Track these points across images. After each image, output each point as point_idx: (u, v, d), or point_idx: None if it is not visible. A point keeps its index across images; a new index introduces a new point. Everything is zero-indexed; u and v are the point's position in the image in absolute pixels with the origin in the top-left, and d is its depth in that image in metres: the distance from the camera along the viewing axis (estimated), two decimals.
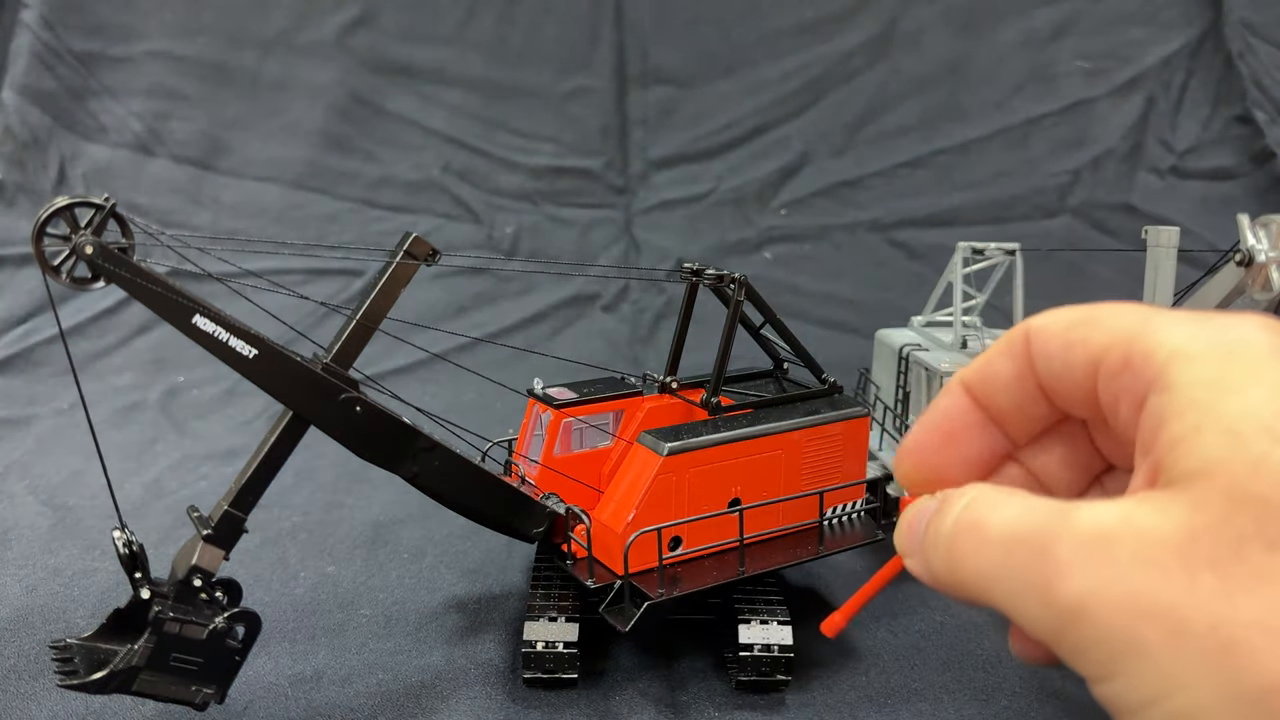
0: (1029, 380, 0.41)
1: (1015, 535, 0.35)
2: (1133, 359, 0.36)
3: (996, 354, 0.42)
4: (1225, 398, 0.33)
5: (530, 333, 2.71)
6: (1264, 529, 0.30)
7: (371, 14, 3.20)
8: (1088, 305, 0.39)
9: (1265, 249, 1.12)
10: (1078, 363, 0.38)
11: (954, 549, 0.37)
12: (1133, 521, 0.33)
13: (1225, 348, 0.34)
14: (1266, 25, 3.39)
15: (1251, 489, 0.31)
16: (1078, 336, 0.38)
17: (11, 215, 2.80)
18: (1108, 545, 0.32)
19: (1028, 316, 1.48)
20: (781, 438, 1.32)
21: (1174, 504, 0.32)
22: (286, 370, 1.08)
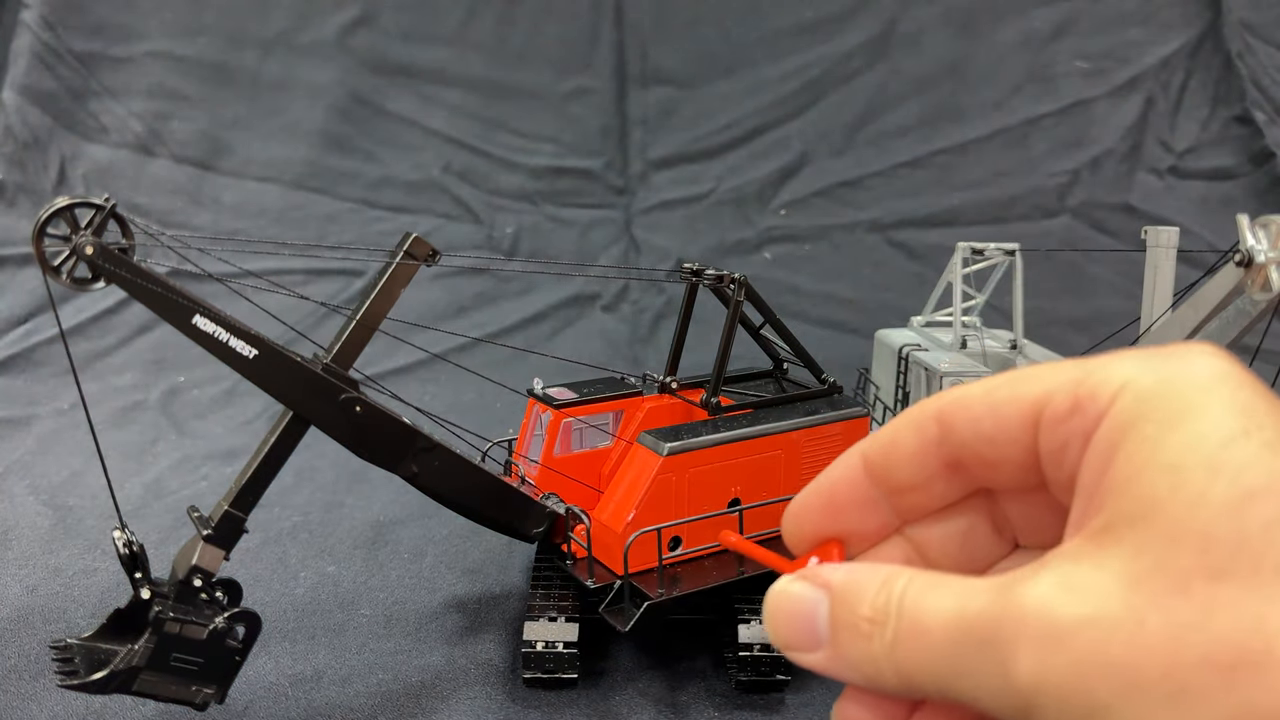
0: (933, 457, 0.40)
1: (961, 629, 0.34)
2: (1080, 400, 0.35)
3: (902, 429, 0.40)
4: (1169, 432, 0.32)
5: (530, 333, 2.72)
6: (1206, 561, 0.30)
7: (371, 14, 3.20)
8: (1005, 373, 0.39)
9: (1265, 249, 1.12)
10: (1011, 418, 0.37)
11: (900, 657, 0.36)
12: (1074, 585, 0.32)
13: (1173, 380, 0.33)
14: (1266, 25, 3.39)
15: (1191, 524, 0.30)
16: (1004, 395, 0.37)
17: (11, 215, 2.80)
18: (1052, 616, 0.32)
19: (1027, 317, 1.47)
20: (781, 438, 1.32)
21: (1116, 553, 0.32)
22: (286, 370, 1.08)
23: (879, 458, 0.41)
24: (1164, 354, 0.35)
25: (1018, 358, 1.71)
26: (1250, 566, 0.29)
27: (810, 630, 0.39)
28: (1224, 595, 0.29)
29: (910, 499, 0.41)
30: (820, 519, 0.43)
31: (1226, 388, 0.33)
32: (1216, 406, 0.32)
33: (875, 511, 0.42)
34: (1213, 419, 0.32)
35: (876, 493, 0.41)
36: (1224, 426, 0.32)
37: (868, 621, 0.37)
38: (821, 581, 0.39)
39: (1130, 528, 0.32)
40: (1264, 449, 0.31)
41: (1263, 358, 1.28)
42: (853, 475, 0.42)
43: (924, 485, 0.40)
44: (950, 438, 0.39)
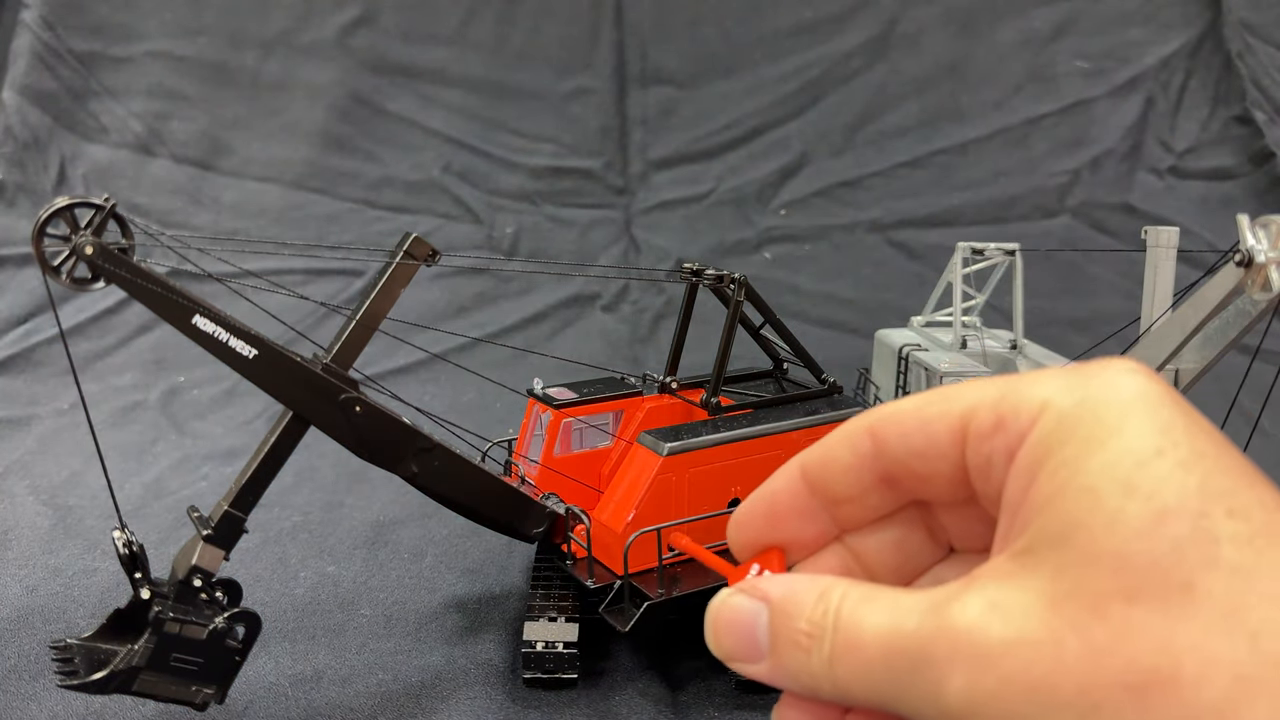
0: (866, 470, 0.40)
1: (895, 647, 0.35)
2: (1003, 416, 0.35)
3: (837, 443, 0.41)
4: (1088, 453, 0.33)
5: (530, 333, 2.71)
6: (1120, 582, 0.31)
7: (371, 14, 3.20)
8: (935, 389, 0.39)
9: (1265, 249, 1.12)
10: (940, 434, 0.38)
11: (837, 671, 0.36)
12: (1000, 606, 0.33)
13: (1092, 401, 0.34)
14: (1266, 25, 3.39)
15: (1107, 545, 0.31)
16: (935, 411, 0.38)
17: (11, 215, 2.80)
18: (979, 637, 0.32)
19: (1027, 317, 1.47)
20: (781, 438, 1.32)
21: (1037, 574, 0.33)
22: (286, 370, 1.08)
23: (816, 471, 0.42)
24: (1085, 373, 0.35)
25: (1018, 358, 1.71)
26: (1160, 587, 0.30)
27: (751, 642, 0.39)
28: (1136, 617, 0.30)
29: (847, 510, 0.42)
30: (762, 527, 0.44)
31: (1144, 406, 0.33)
32: (1133, 426, 0.33)
33: (814, 521, 0.43)
34: (1129, 439, 0.32)
35: (815, 503, 0.42)
36: (1139, 446, 0.32)
37: (805, 635, 0.37)
38: (760, 594, 0.40)
39: (1051, 549, 0.32)
40: (1177, 467, 0.32)
41: (1263, 357, 1.28)
42: (792, 486, 0.43)
43: (859, 498, 0.41)
44: (883, 452, 0.40)
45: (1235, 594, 0.29)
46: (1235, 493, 0.31)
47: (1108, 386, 0.34)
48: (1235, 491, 0.32)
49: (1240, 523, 0.31)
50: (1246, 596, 0.29)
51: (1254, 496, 0.32)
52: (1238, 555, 0.30)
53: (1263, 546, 0.30)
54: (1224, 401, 1.32)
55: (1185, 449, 0.32)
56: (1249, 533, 0.30)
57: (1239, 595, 0.29)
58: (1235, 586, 0.30)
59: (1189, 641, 0.29)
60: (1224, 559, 0.30)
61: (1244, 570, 0.30)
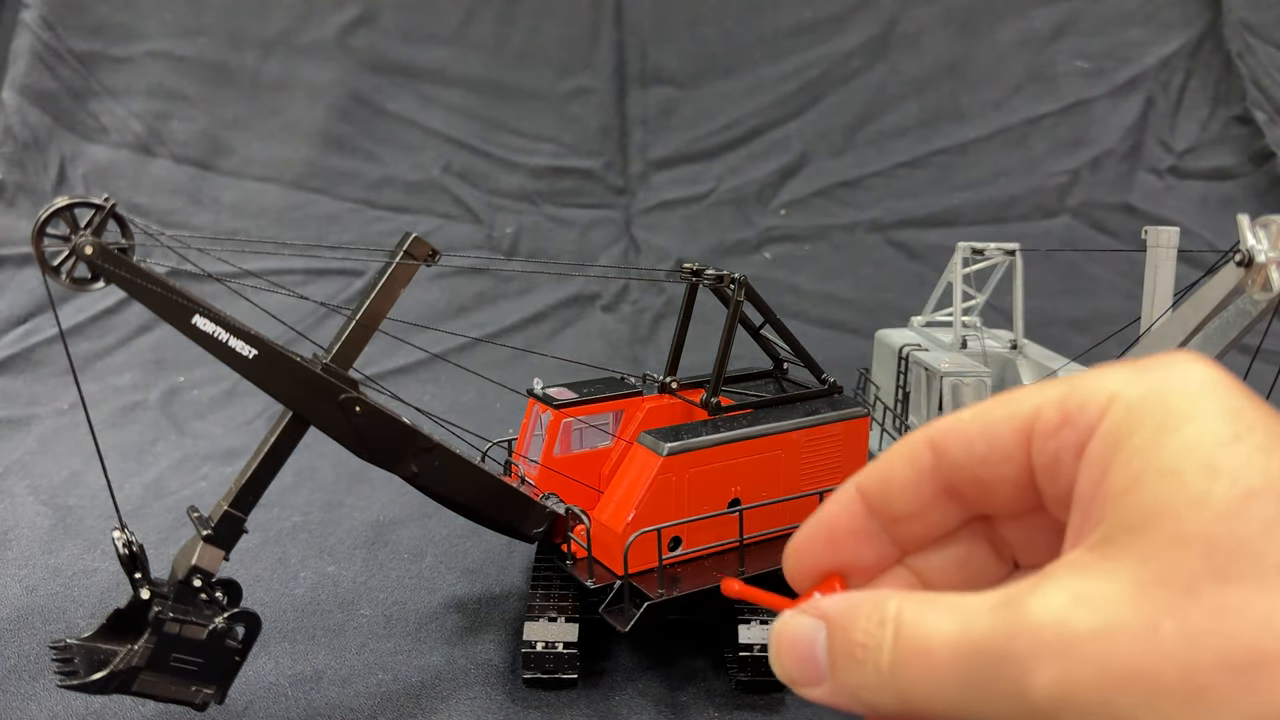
0: (928, 485, 0.40)
1: (968, 648, 0.33)
2: (1069, 412, 0.35)
3: (895, 458, 0.40)
4: (1163, 439, 0.32)
5: (530, 333, 2.71)
6: (1212, 563, 0.30)
7: (371, 14, 3.20)
8: (996, 396, 0.39)
9: (1265, 249, 1.12)
10: (1004, 436, 0.37)
11: (901, 680, 0.35)
12: (1085, 596, 0.32)
13: (1161, 389, 0.33)
14: (1266, 25, 3.39)
15: (1194, 527, 0.31)
16: (998, 415, 0.37)
17: (11, 215, 2.80)
18: (1066, 629, 0.31)
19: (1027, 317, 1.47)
20: (781, 438, 1.32)
21: (1122, 562, 0.32)
22: (286, 370, 1.08)
23: (875, 489, 0.41)
24: (1149, 365, 0.35)
25: (1018, 358, 1.71)
26: (1254, 567, 0.30)
27: (812, 662, 0.38)
28: (1233, 597, 0.29)
29: (908, 529, 0.41)
30: (820, 553, 0.42)
31: (1215, 393, 0.33)
32: (1207, 412, 0.32)
33: (874, 543, 0.42)
34: (1204, 424, 0.32)
35: (874, 524, 0.41)
36: (1217, 431, 0.32)
37: (860, 647, 0.36)
38: (819, 612, 0.39)
39: (1134, 535, 0.32)
40: (1258, 451, 0.31)
41: (1263, 358, 1.28)
42: (850, 508, 0.42)
43: (921, 514, 0.40)
44: (944, 463, 0.39)
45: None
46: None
47: (1175, 376, 0.34)
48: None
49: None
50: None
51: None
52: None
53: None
54: None
55: (1262, 434, 0.32)
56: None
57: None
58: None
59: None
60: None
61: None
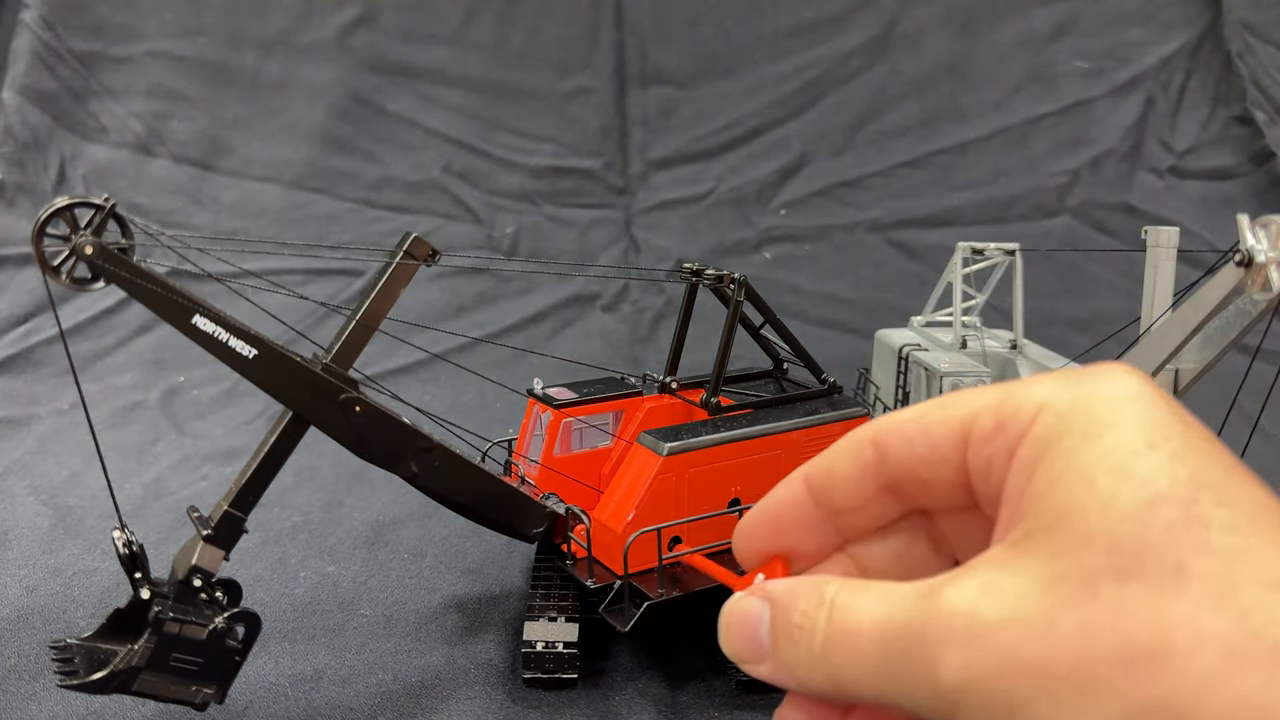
0: (870, 481, 0.41)
1: (890, 632, 0.35)
2: (1004, 419, 0.37)
3: (840, 454, 0.42)
4: (1084, 445, 0.34)
5: (530, 333, 2.71)
6: (1113, 562, 0.32)
7: (371, 14, 3.20)
8: (937, 398, 0.41)
9: (1265, 249, 1.12)
10: (942, 439, 0.39)
11: (830, 661, 0.37)
12: (994, 588, 0.34)
13: (1088, 399, 0.35)
14: (1266, 25, 3.39)
15: (1101, 527, 0.32)
16: (937, 418, 0.39)
17: (11, 215, 2.80)
18: (974, 618, 0.33)
19: (1027, 317, 1.47)
20: (781, 438, 1.32)
21: (1033, 558, 0.33)
22: (286, 370, 1.08)
23: (820, 480, 0.43)
24: (1081, 375, 0.37)
25: (1018, 358, 1.71)
26: (1153, 567, 0.31)
27: (756, 641, 0.40)
28: (1129, 595, 0.31)
29: (850, 520, 0.43)
30: (767, 537, 0.45)
31: (1138, 404, 0.35)
32: (1127, 421, 0.34)
33: (818, 531, 0.44)
34: (1123, 432, 0.34)
35: (818, 514, 0.43)
36: (1133, 439, 0.34)
37: (798, 628, 0.38)
38: (764, 594, 0.41)
39: (1047, 534, 0.34)
40: (1169, 459, 0.33)
41: (1263, 357, 1.28)
42: (796, 496, 0.44)
43: (862, 507, 0.42)
44: (886, 461, 0.41)
45: (1225, 575, 0.30)
46: (1225, 485, 0.33)
47: (1102, 386, 0.36)
48: (1225, 484, 0.33)
49: (1230, 510, 0.32)
50: (1235, 578, 0.30)
51: (1243, 490, 0.33)
52: (1227, 540, 0.31)
53: (1250, 534, 0.31)
54: (1224, 401, 1.32)
55: (1178, 443, 0.34)
56: (1237, 520, 0.32)
57: (1229, 577, 0.30)
58: (1225, 569, 0.31)
59: (1180, 618, 0.30)
60: (1214, 543, 0.31)
61: (1233, 554, 0.31)
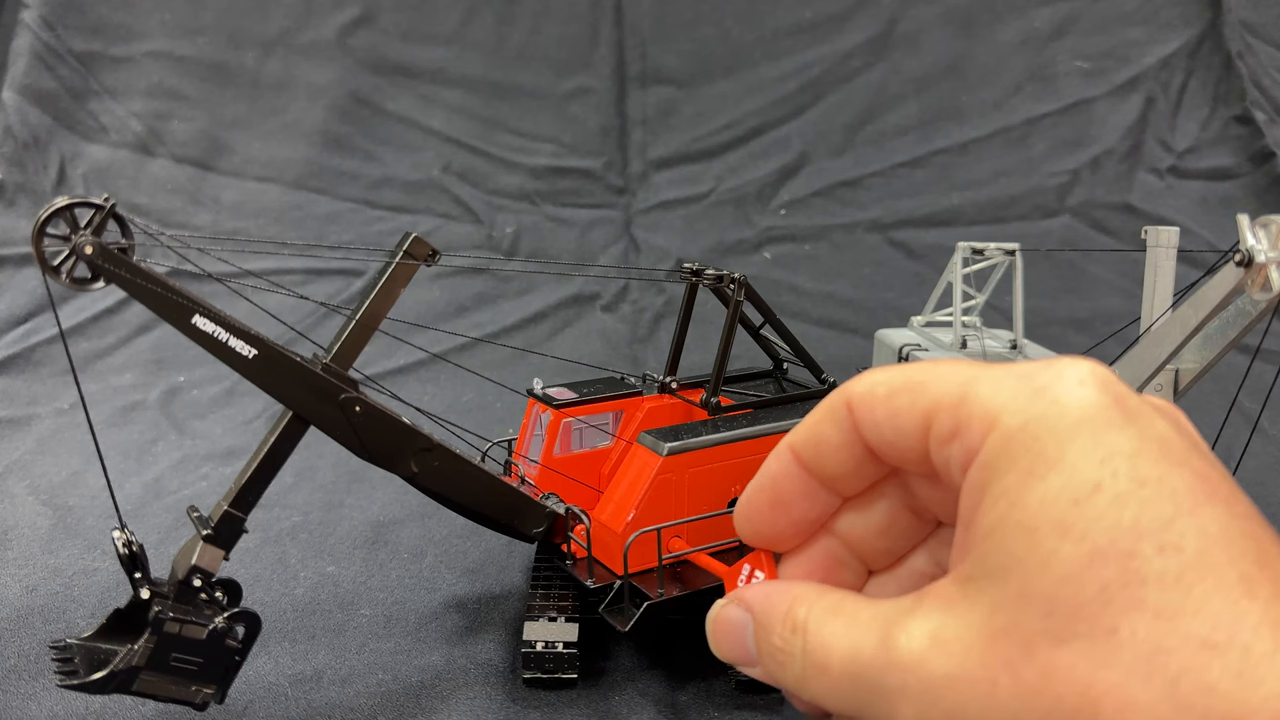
0: (856, 445, 0.42)
1: (855, 671, 0.37)
2: (959, 425, 0.37)
3: (822, 420, 0.43)
4: (1028, 486, 0.34)
5: (530, 333, 2.71)
6: (1049, 626, 0.32)
7: (371, 14, 3.20)
8: (906, 368, 0.41)
9: (1265, 249, 1.12)
10: (908, 428, 0.39)
11: (808, 689, 0.40)
12: (942, 640, 0.35)
13: (1040, 419, 0.35)
14: (1266, 25, 3.39)
15: (1039, 587, 0.33)
16: (902, 403, 0.39)
17: (11, 215, 2.80)
18: (924, 672, 0.35)
19: (1027, 317, 1.47)
20: (781, 438, 1.32)
21: (976, 608, 0.34)
22: (286, 370, 1.08)
23: (808, 450, 0.44)
24: (1037, 380, 0.36)
25: (1018, 358, 1.71)
26: (1087, 630, 0.31)
27: (744, 649, 0.43)
28: (1063, 660, 0.32)
29: (842, 484, 0.44)
30: (769, 514, 0.46)
31: (1089, 431, 0.34)
32: (1073, 457, 0.34)
33: (812, 499, 0.45)
34: (1068, 473, 0.33)
35: (813, 482, 0.44)
36: (1077, 481, 0.33)
37: (780, 651, 0.41)
38: (746, 605, 0.43)
39: (990, 582, 0.34)
40: (1113, 504, 0.32)
41: (1263, 357, 1.29)
42: (787, 467, 0.45)
43: (853, 469, 0.43)
44: (861, 430, 0.42)
45: (1158, 637, 0.30)
46: (1173, 522, 0.32)
47: (1055, 404, 0.35)
48: (1173, 520, 0.32)
49: (1171, 558, 0.31)
50: (1168, 640, 0.30)
51: (1193, 524, 0.32)
52: (1163, 597, 0.31)
53: (1192, 582, 0.31)
54: (1224, 401, 1.32)
55: (1125, 479, 0.33)
56: (1179, 569, 0.31)
57: (1161, 638, 0.30)
58: (1158, 630, 0.30)
59: (1110, 684, 0.30)
60: (1149, 602, 0.31)
61: (1168, 612, 0.31)
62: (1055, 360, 0.37)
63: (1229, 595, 0.30)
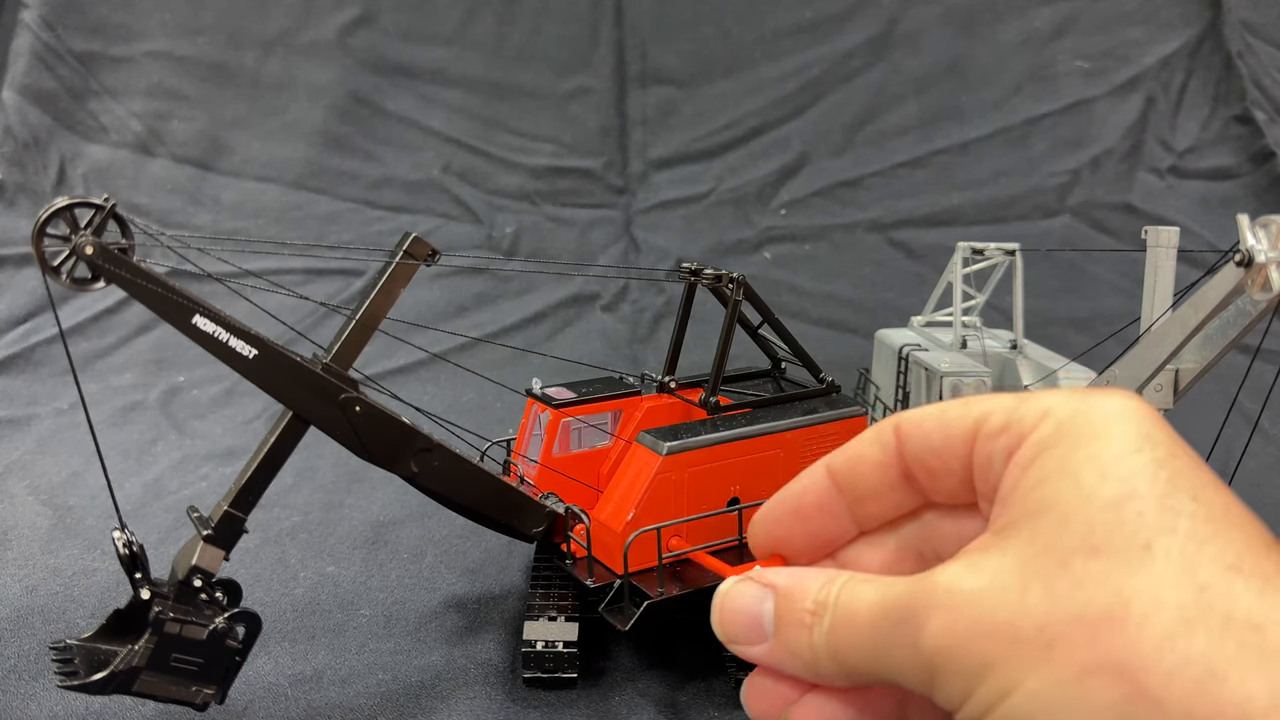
0: (892, 467, 0.44)
1: (881, 611, 0.39)
2: (1011, 421, 0.40)
3: (865, 441, 0.45)
4: (1076, 449, 0.37)
5: (530, 333, 2.71)
6: (1087, 540, 0.34)
7: (371, 14, 3.20)
8: (958, 398, 0.45)
9: (1265, 249, 1.12)
10: (956, 433, 0.42)
11: (834, 643, 0.41)
12: (977, 565, 0.37)
13: (1089, 411, 0.38)
14: (1266, 25, 3.39)
15: (1080, 513, 0.35)
16: (955, 414, 0.42)
17: (11, 215, 2.80)
18: (955, 586, 0.37)
19: (1027, 317, 1.47)
20: (780, 437, 1.32)
21: (1014, 540, 0.37)
22: (286, 370, 1.08)
23: (845, 468, 0.46)
24: (1086, 392, 0.40)
25: (1018, 358, 1.71)
26: (1122, 545, 0.34)
27: (756, 625, 0.44)
28: (1096, 568, 0.34)
29: (869, 507, 0.46)
30: (788, 523, 0.47)
31: (1133, 419, 0.38)
32: (1119, 431, 0.37)
33: (836, 519, 0.46)
34: (1113, 440, 0.37)
35: (840, 502, 0.46)
36: (1122, 445, 0.37)
37: (810, 614, 0.42)
38: (766, 581, 0.44)
39: (1029, 519, 0.37)
40: (1152, 463, 0.36)
41: (1263, 357, 1.28)
42: (819, 485, 0.46)
43: (884, 494, 0.45)
44: (905, 448, 0.44)
45: (1189, 554, 0.33)
46: (1201, 488, 0.35)
47: (1103, 402, 0.39)
48: (1201, 487, 0.35)
49: (1202, 505, 0.34)
50: (1199, 558, 0.33)
51: (1217, 496, 0.35)
52: (1196, 527, 0.34)
53: (1220, 528, 0.34)
54: (1224, 401, 1.32)
55: (1162, 451, 0.36)
56: (1209, 513, 0.34)
57: (1192, 556, 0.33)
58: (1189, 549, 0.33)
59: (1142, 588, 0.33)
60: (1182, 528, 0.34)
61: (1199, 537, 0.33)
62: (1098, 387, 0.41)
63: (1251, 543, 0.34)
